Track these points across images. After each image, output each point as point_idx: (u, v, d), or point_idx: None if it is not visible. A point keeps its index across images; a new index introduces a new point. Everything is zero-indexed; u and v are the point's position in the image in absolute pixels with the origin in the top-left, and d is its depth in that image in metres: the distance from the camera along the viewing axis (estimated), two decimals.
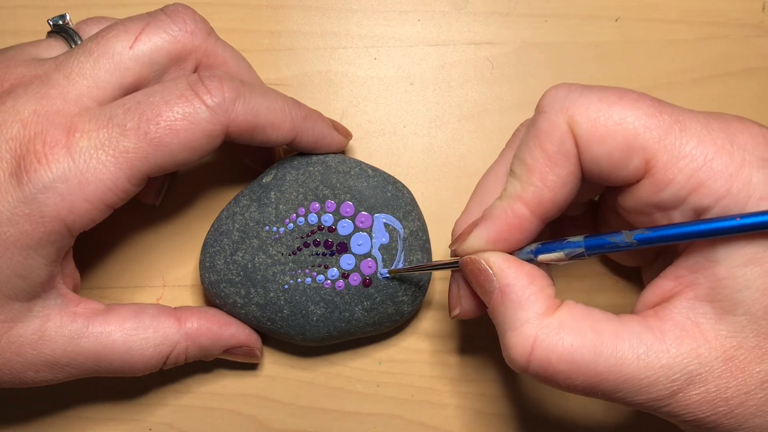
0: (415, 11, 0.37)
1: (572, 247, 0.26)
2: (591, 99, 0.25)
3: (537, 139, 0.25)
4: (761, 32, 0.37)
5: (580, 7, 0.37)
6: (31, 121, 0.26)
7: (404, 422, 0.35)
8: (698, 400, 0.24)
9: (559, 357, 0.24)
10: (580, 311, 0.25)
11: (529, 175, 0.26)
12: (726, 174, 0.23)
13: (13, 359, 0.27)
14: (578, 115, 0.25)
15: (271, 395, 0.35)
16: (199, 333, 0.31)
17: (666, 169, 0.24)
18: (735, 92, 0.37)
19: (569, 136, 0.25)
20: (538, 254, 0.27)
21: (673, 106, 0.25)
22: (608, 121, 0.24)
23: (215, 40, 0.30)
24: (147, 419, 0.35)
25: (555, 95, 0.25)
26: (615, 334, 0.24)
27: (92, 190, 0.26)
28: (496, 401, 0.35)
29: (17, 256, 0.26)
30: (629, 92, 0.25)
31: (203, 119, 0.27)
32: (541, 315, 0.25)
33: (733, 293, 0.23)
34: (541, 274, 0.26)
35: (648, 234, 0.24)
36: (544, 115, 0.25)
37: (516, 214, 0.26)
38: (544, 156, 0.25)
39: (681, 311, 0.24)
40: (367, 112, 0.37)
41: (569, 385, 0.25)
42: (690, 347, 0.24)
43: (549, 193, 0.26)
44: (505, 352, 0.26)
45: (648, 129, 0.24)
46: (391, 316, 0.33)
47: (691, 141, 0.23)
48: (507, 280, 0.26)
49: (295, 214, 0.32)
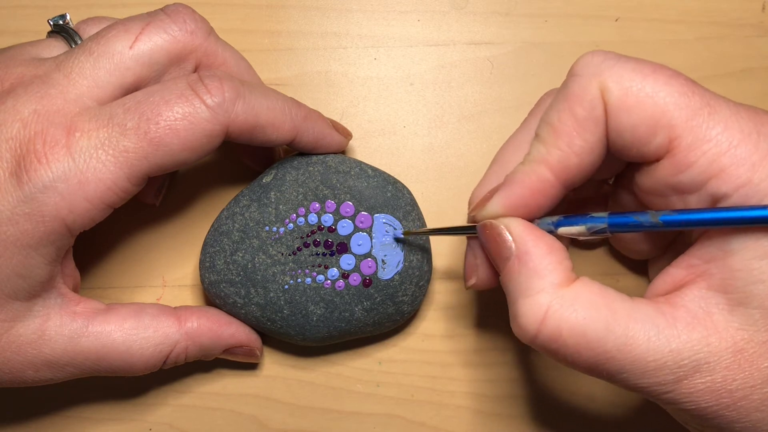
0: (415, 11, 0.38)
1: (595, 222, 0.25)
2: (626, 68, 0.24)
3: (567, 103, 0.25)
4: (761, 32, 0.37)
5: (580, 7, 0.37)
6: (31, 120, 0.26)
7: (404, 422, 0.35)
8: (702, 389, 0.23)
9: (571, 329, 0.24)
10: (596, 287, 0.25)
11: (555, 139, 0.25)
12: (749, 162, 0.23)
13: (12, 358, 0.27)
14: (611, 82, 0.24)
15: (271, 395, 0.35)
16: (199, 333, 0.31)
17: (689, 150, 0.23)
18: (735, 92, 0.37)
19: (600, 101, 0.24)
20: (559, 226, 0.26)
21: (705, 89, 0.24)
22: (640, 93, 0.24)
23: (215, 40, 0.31)
24: (147, 419, 0.35)
25: (590, 60, 0.25)
26: (628, 314, 0.24)
27: (92, 190, 0.26)
28: (496, 401, 0.35)
29: (17, 256, 0.26)
30: (665, 68, 0.25)
31: (203, 119, 0.27)
32: (557, 285, 0.25)
33: (747, 285, 0.23)
34: (560, 246, 0.26)
35: (675, 216, 0.24)
36: (576, 79, 0.25)
37: (540, 178, 0.26)
38: (573, 120, 0.25)
39: (693, 299, 0.24)
40: (367, 112, 0.37)
41: (576, 360, 0.24)
42: (701, 335, 0.23)
43: (575, 158, 0.25)
44: (515, 321, 0.25)
45: (678, 107, 0.23)
46: (391, 316, 0.33)
47: (718, 126, 0.23)
48: (525, 248, 0.25)
49: (295, 214, 0.32)
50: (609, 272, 0.36)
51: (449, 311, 0.36)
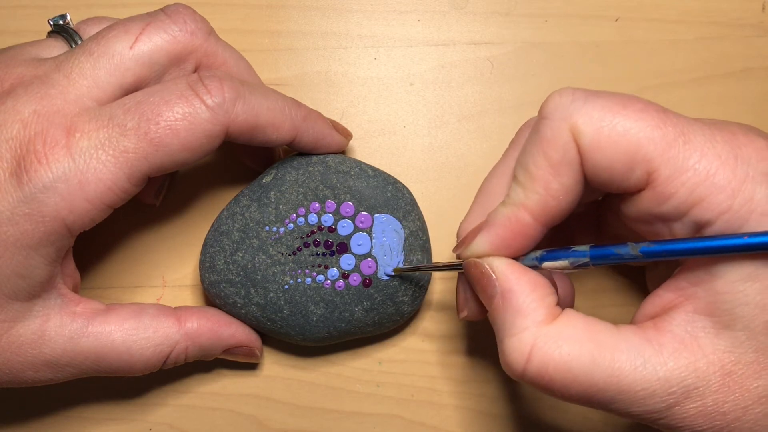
0: (415, 11, 0.38)
1: (577, 257, 0.26)
2: (595, 107, 0.24)
3: (540, 147, 0.25)
4: (761, 32, 0.37)
5: (580, 7, 0.37)
6: (31, 121, 0.26)
7: (404, 422, 0.35)
8: (695, 413, 0.24)
9: (557, 366, 0.24)
10: (580, 321, 0.25)
11: (532, 183, 0.25)
12: (728, 189, 0.23)
13: (12, 359, 0.27)
14: (582, 124, 0.24)
15: (271, 395, 0.35)
16: (199, 333, 0.31)
17: (668, 182, 0.23)
18: (735, 92, 0.37)
19: (572, 144, 0.24)
20: (542, 261, 0.26)
21: (678, 116, 0.24)
22: (612, 132, 0.24)
23: (215, 40, 0.31)
24: (147, 419, 0.35)
25: (558, 101, 0.25)
26: (613, 345, 0.24)
27: (92, 190, 0.26)
28: (496, 401, 0.35)
29: (17, 256, 0.26)
30: (635, 101, 0.24)
31: (203, 119, 0.27)
32: (540, 323, 0.25)
33: (733, 308, 0.23)
34: (543, 282, 0.26)
35: (654, 248, 0.24)
36: (546, 122, 0.25)
37: (519, 221, 0.26)
38: (547, 164, 0.25)
39: (680, 324, 0.24)
40: (367, 112, 0.37)
41: (565, 394, 0.25)
42: (688, 361, 0.24)
43: (553, 201, 0.25)
44: (503, 358, 0.26)
45: (652, 141, 0.23)
46: (391, 316, 0.33)
47: (695, 154, 0.23)
48: (509, 286, 0.26)
49: (295, 214, 0.32)
50: (610, 274, 0.36)
51: (449, 311, 0.36)
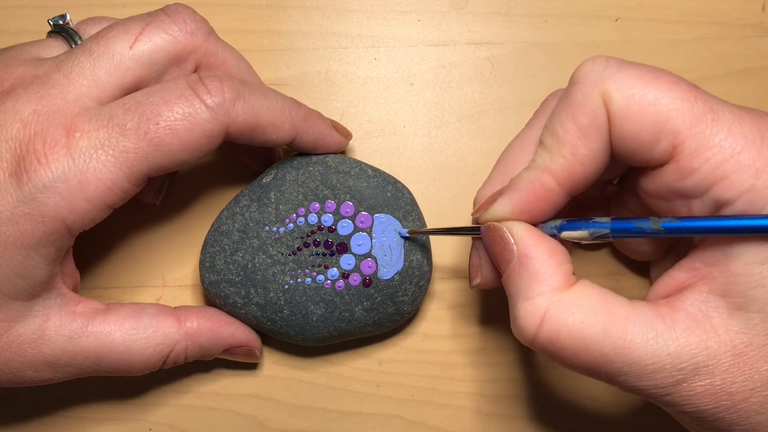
0: (415, 11, 0.38)
1: (598, 227, 0.25)
2: (628, 75, 0.24)
3: (570, 111, 0.25)
4: (761, 32, 0.37)
5: (580, 7, 0.37)
6: (31, 120, 0.26)
7: (404, 422, 0.35)
8: (702, 391, 0.23)
9: (569, 332, 0.24)
10: (595, 291, 0.25)
11: (559, 147, 0.25)
12: (753, 169, 0.23)
13: (12, 358, 0.27)
14: (613, 90, 0.24)
15: (271, 395, 0.35)
16: (199, 333, 0.31)
17: (692, 157, 0.23)
18: (735, 92, 0.37)
19: (603, 109, 0.24)
20: (562, 230, 0.26)
21: (708, 94, 0.24)
22: (642, 100, 0.24)
23: (215, 40, 0.31)
24: (147, 419, 0.35)
25: (592, 67, 0.25)
26: (626, 317, 0.24)
27: (92, 190, 0.26)
28: (496, 401, 0.35)
29: (17, 256, 0.26)
30: (667, 73, 0.25)
31: (203, 119, 0.27)
32: (556, 289, 0.25)
33: (748, 290, 0.23)
34: (561, 250, 0.26)
35: (676, 223, 0.24)
36: (578, 87, 0.25)
37: (543, 186, 0.26)
38: (576, 128, 0.25)
39: (693, 303, 0.24)
40: (367, 112, 0.37)
41: (574, 362, 0.25)
42: (699, 338, 0.24)
43: (579, 166, 0.25)
44: (514, 322, 0.26)
45: (681, 114, 0.23)
46: (391, 316, 0.33)
47: (722, 131, 0.23)
48: (527, 251, 0.26)
49: (295, 214, 0.32)
50: (611, 272, 0.36)
51: (450, 311, 0.36)
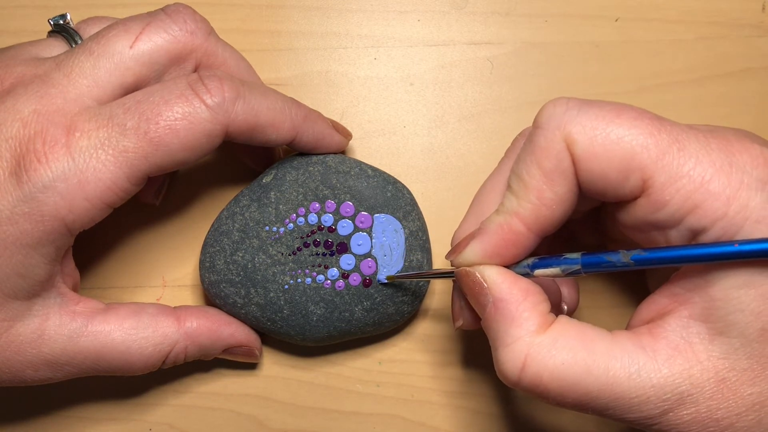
0: (415, 11, 0.38)
1: (569, 264, 0.26)
2: (589, 116, 0.24)
3: (534, 156, 0.25)
4: (761, 32, 0.37)
5: (580, 7, 0.37)
6: (31, 120, 0.26)
7: (404, 422, 0.35)
8: (689, 420, 0.24)
9: (551, 374, 0.24)
10: (573, 328, 0.25)
11: (526, 192, 0.25)
12: (723, 196, 0.23)
13: (12, 358, 0.27)
14: (575, 133, 0.24)
15: (271, 395, 0.35)
16: (199, 332, 0.31)
17: (663, 189, 0.23)
18: (735, 92, 0.37)
19: (566, 153, 0.24)
20: (534, 269, 0.26)
21: (673, 123, 0.24)
22: (606, 140, 0.24)
23: (215, 40, 0.31)
24: (147, 419, 0.35)
25: (553, 111, 0.25)
26: (607, 352, 0.24)
27: (92, 190, 0.26)
28: (496, 401, 0.35)
29: (17, 255, 0.26)
30: (628, 109, 0.24)
31: (203, 119, 0.27)
32: (533, 332, 0.25)
33: (727, 315, 0.23)
34: (535, 290, 0.26)
35: (645, 255, 0.24)
36: (540, 132, 0.25)
37: (512, 230, 0.26)
38: (541, 173, 0.25)
39: (674, 330, 0.24)
40: (367, 112, 0.37)
41: (561, 401, 0.25)
42: (682, 367, 0.24)
43: (546, 210, 0.25)
44: (498, 367, 0.26)
45: (646, 148, 0.23)
46: (391, 316, 0.33)
47: (690, 161, 0.23)
48: (501, 295, 0.26)
49: (295, 214, 0.32)
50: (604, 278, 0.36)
51: (449, 311, 0.35)
